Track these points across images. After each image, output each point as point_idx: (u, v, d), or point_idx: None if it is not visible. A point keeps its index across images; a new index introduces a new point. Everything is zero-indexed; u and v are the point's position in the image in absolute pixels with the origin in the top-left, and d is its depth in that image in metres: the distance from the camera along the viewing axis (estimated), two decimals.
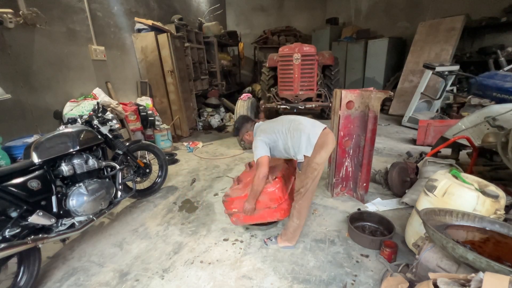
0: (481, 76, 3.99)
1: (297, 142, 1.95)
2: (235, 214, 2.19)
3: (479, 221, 1.50)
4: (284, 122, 2.10)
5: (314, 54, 4.52)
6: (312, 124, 2.04)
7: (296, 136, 1.96)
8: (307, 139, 1.93)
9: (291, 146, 1.98)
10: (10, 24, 2.84)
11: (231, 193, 2.25)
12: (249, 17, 10.32)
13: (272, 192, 2.04)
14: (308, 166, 1.94)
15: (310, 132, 1.95)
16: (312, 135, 1.94)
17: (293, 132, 1.98)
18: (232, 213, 2.20)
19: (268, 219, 2.18)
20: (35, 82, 3.22)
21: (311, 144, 1.92)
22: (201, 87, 6.43)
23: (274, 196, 2.05)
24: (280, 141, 2.02)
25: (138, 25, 4.97)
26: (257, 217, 2.15)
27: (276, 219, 2.16)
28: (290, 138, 1.98)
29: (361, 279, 1.82)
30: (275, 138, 2.03)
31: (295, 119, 2.10)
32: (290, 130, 2.00)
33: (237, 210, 2.15)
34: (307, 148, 1.92)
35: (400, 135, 5.19)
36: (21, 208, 1.72)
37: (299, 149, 1.95)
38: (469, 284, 1.02)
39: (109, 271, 1.99)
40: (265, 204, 2.08)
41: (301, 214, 2.04)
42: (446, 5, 6.73)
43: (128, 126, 4.10)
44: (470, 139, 2.68)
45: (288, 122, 2.06)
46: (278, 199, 2.06)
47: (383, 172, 3.09)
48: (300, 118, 2.11)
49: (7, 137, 2.67)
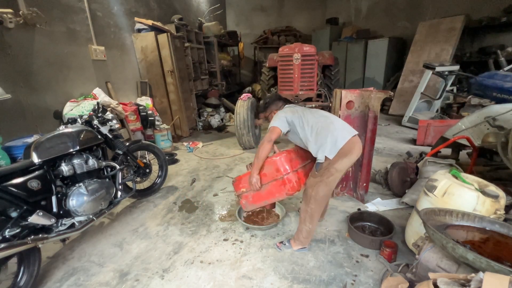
0: (481, 76, 3.98)
1: (323, 141, 1.85)
2: (244, 195, 2.16)
3: (479, 221, 1.50)
4: (315, 115, 2.01)
5: (314, 54, 4.52)
6: (343, 126, 1.94)
7: (323, 134, 1.87)
8: (334, 141, 1.83)
9: (314, 141, 1.90)
10: (10, 24, 2.84)
11: (241, 174, 2.25)
12: (249, 17, 10.32)
13: (277, 161, 1.95)
14: (326, 169, 1.85)
15: (338, 135, 1.85)
16: (340, 139, 1.84)
17: (321, 130, 1.89)
18: (241, 194, 2.18)
19: (277, 196, 2.06)
20: (35, 82, 3.22)
21: (336, 147, 1.82)
22: (201, 87, 6.42)
23: (279, 165, 1.95)
24: (299, 130, 1.95)
25: (138, 25, 4.97)
26: (266, 194, 2.06)
27: (285, 194, 2.02)
28: (315, 133, 1.90)
29: (361, 279, 1.81)
30: (296, 123, 1.96)
31: (328, 116, 2.02)
32: (318, 125, 1.91)
33: (245, 189, 2.09)
34: (330, 150, 1.82)
35: (400, 135, 5.19)
36: (21, 208, 1.72)
37: (322, 148, 1.85)
38: (469, 284, 1.02)
39: (109, 271, 1.99)
40: (271, 175, 1.99)
41: (314, 218, 1.97)
42: (446, 5, 6.73)
43: (128, 126, 4.10)
44: (470, 139, 2.68)
45: (320, 117, 1.98)
46: (285, 169, 1.94)
47: (383, 172, 3.09)
48: (333, 117, 2.03)
49: (7, 137, 2.67)
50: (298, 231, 2.07)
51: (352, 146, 1.85)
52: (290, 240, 2.15)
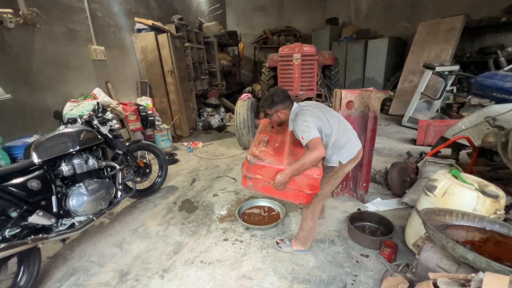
0: (481, 76, 3.98)
1: (340, 147, 1.87)
2: (255, 179, 1.88)
3: (479, 221, 1.50)
4: (334, 118, 1.93)
5: (314, 54, 4.52)
6: (354, 134, 2.00)
7: (342, 140, 1.88)
8: (351, 149, 1.90)
9: (332, 145, 1.86)
10: (10, 24, 2.84)
11: (261, 155, 1.87)
12: (249, 17, 10.32)
13: (315, 179, 1.79)
14: (335, 173, 1.92)
15: (354, 143, 1.94)
16: (355, 147, 1.93)
17: (341, 135, 1.89)
18: (251, 177, 1.87)
19: (290, 200, 1.95)
20: (35, 82, 3.22)
21: (351, 154, 1.89)
22: (201, 87, 6.43)
23: (314, 183, 1.81)
24: (323, 135, 1.84)
25: (138, 25, 4.97)
26: (279, 193, 1.88)
27: (298, 202, 1.94)
28: (336, 138, 1.87)
29: (361, 279, 1.81)
30: (322, 129, 1.83)
31: (344, 122, 1.99)
32: (339, 130, 1.89)
33: (261, 177, 1.85)
34: (346, 157, 1.88)
35: (400, 135, 5.19)
36: (21, 208, 1.72)
37: (339, 153, 1.87)
38: (469, 284, 1.02)
39: (109, 271, 1.99)
40: (298, 185, 1.82)
41: (314, 216, 2.01)
42: (446, 5, 6.73)
43: (128, 126, 4.10)
44: (470, 139, 2.68)
45: (338, 122, 1.93)
46: (316, 187, 1.83)
47: (383, 172, 3.09)
48: (348, 123, 2.02)
49: (7, 137, 2.66)
50: (299, 230, 2.09)
51: (360, 153, 1.99)
52: (292, 239, 2.16)
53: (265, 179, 1.85)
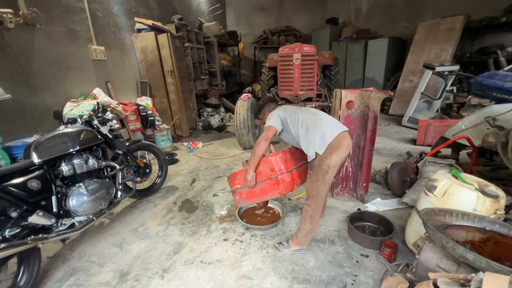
0: (481, 76, 3.98)
1: (312, 137, 1.92)
2: (238, 191, 2.20)
3: (479, 221, 1.50)
4: (305, 112, 2.09)
5: (314, 54, 4.52)
6: (331, 123, 2.01)
7: (311, 131, 1.93)
8: (322, 136, 1.89)
9: (304, 138, 1.96)
10: (10, 24, 2.84)
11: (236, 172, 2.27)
12: (249, 17, 10.32)
13: (273, 161, 1.99)
14: (319, 167, 1.89)
15: (326, 130, 1.91)
16: (328, 134, 1.89)
17: (310, 126, 1.95)
18: (235, 190, 2.22)
19: (270, 195, 2.09)
20: (35, 82, 3.22)
21: (325, 142, 1.87)
22: (201, 87, 6.42)
23: (274, 164, 1.98)
24: (291, 127, 2.04)
25: (138, 25, 4.97)
26: (259, 191, 2.10)
27: (278, 194, 2.05)
28: (305, 129, 1.96)
29: (361, 279, 1.81)
30: (288, 121, 2.04)
31: (316, 113, 2.09)
32: (307, 122, 1.98)
33: (239, 186, 2.13)
34: (320, 146, 1.88)
35: (400, 135, 5.19)
36: (21, 208, 1.72)
37: (312, 144, 1.91)
38: (469, 284, 1.02)
39: (109, 271, 1.99)
40: (265, 174, 2.03)
41: (314, 219, 1.99)
42: (446, 5, 6.73)
43: (128, 126, 4.10)
44: (470, 139, 2.67)
45: (309, 114, 2.06)
46: (280, 169, 1.98)
47: (383, 172, 3.09)
48: (322, 114, 2.09)
49: (7, 137, 2.67)
50: (297, 231, 2.08)
51: (341, 141, 1.90)
52: (289, 240, 2.15)
53: (243, 186, 2.12)
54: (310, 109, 2.19)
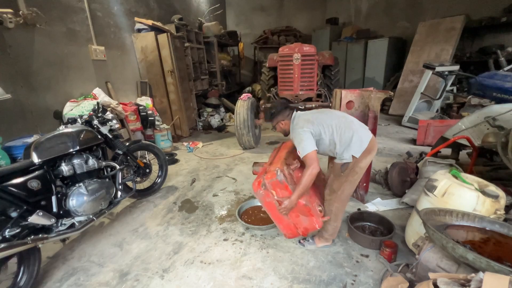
0: (481, 76, 3.98)
1: (348, 141, 1.85)
2: (268, 191, 1.86)
3: (479, 221, 1.50)
4: (332, 116, 1.96)
5: (314, 54, 4.52)
6: (362, 126, 1.97)
7: (347, 134, 1.85)
8: (360, 140, 1.84)
9: (339, 142, 1.86)
10: (10, 24, 2.84)
11: (289, 177, 1.91)
12: (249, 17, 10.31)
13: (313, 227, 1.93)
14: (351, 169, 1.86)
15: (363, 134, 1.88)
16: (365, 138, 1.87)
17: (344, 129, 1.86)
18: (268, 188, 1.85)
19: (280, 226, 2.01)
20: (35, 82, 3.22)
21: (363, 146, 1.84)
22: (201, 87, 6.42)
23: (310, 228, 1.93)
24: (327, 136, 1.87)
25: (138, 25, 4.97)
26: (278, 216, 1.96)
27: (284, 233, 2.02)
28: (339, 134, 1.86)
29: (361, 279, 1.81)
30: (321, 131, 1.87)
31: (345, 116, 1.99)
32: (340, 126, 1.87)
33: (276, 196, 1.86)
34: (358, 149, 1.83)
35: (400, 135, 5.19)
36: (21, 208, 1.72)
37: (349, 148, 1.84)
38: (469, 284, 1.02)
39: (109, 271, 1.99)
40: (297, 222, 1.93)
41: (338, 216, 2.02)
42: (446, 5, 6.73)
43: (128, 126, 4.10)
44: (470, 139, 2.67)
45: (337, 118, 1.94)
46: (306, 233, 1.98)
47: (383, 172, 3.09)
48: (350, 117, 2.00)
49: (7, 137, 2.66)
50: (323, 230, 2.09)
51: (373, 144, 1.91)
52: (315, 237, 2.16)
53: (277, 199, 1.86)
54: (334, 111, 2.10)
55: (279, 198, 1.85)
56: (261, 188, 1.88)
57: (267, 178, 1.84)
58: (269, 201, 1.90)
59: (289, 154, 2.13)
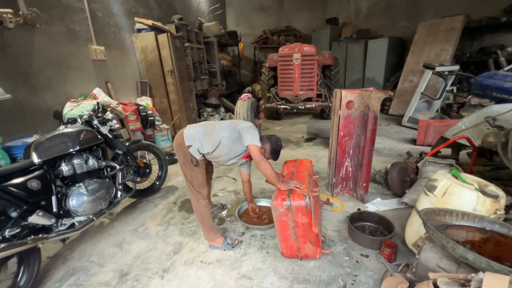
0: (481, 76, 3.98)
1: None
2: (287, 212, 1.85)
3: (479, 221, 1.50)
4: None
5: (314, 54, 4.51)
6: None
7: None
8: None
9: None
10: (10, 24, 2.84)
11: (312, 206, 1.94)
12: (249, 17, 10.32)
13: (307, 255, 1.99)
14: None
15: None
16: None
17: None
18: (290, 209, 1.83)
19: (282, 245, 2.00)
20: (35, 82, 3.22)
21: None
22: (201, 87, 6.42)
23: (313, 252, 1.97)
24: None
25: (138, 25, 4.97)
26: (283, 237, 1.96)
27: (284, 251, 2.02)
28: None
29: (361, 279, 1.81)
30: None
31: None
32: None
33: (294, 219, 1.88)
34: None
35: (400, 135, 5.19)
36: (21, 208, 1.72)
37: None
38: (469, 284, 1.02)
39: (109, 271, 1.99)
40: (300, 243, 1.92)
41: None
42: (446, 5, 6.73)
43: (128, 126, 4.10)
44: (470, 139, 2.67)
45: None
46: (294, 254, 2.02)
47: (383, 172, 3.09)
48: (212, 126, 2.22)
49: (7, 137, 2.67)
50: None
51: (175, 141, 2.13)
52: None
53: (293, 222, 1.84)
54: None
55: (296, 219, 1.81)
56: (283, 207, 1.82)
57: (293, 199, 1.78)
58: (284, 220, 1.85)
59: (310, 179, 2.12)
